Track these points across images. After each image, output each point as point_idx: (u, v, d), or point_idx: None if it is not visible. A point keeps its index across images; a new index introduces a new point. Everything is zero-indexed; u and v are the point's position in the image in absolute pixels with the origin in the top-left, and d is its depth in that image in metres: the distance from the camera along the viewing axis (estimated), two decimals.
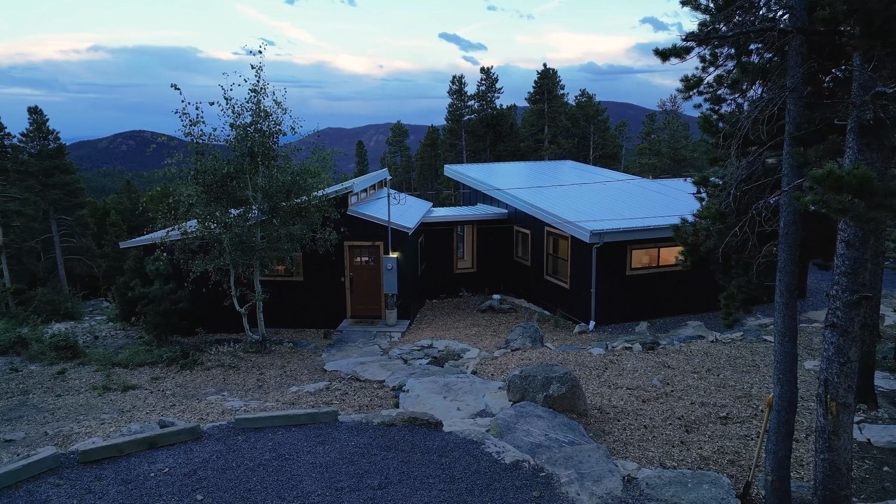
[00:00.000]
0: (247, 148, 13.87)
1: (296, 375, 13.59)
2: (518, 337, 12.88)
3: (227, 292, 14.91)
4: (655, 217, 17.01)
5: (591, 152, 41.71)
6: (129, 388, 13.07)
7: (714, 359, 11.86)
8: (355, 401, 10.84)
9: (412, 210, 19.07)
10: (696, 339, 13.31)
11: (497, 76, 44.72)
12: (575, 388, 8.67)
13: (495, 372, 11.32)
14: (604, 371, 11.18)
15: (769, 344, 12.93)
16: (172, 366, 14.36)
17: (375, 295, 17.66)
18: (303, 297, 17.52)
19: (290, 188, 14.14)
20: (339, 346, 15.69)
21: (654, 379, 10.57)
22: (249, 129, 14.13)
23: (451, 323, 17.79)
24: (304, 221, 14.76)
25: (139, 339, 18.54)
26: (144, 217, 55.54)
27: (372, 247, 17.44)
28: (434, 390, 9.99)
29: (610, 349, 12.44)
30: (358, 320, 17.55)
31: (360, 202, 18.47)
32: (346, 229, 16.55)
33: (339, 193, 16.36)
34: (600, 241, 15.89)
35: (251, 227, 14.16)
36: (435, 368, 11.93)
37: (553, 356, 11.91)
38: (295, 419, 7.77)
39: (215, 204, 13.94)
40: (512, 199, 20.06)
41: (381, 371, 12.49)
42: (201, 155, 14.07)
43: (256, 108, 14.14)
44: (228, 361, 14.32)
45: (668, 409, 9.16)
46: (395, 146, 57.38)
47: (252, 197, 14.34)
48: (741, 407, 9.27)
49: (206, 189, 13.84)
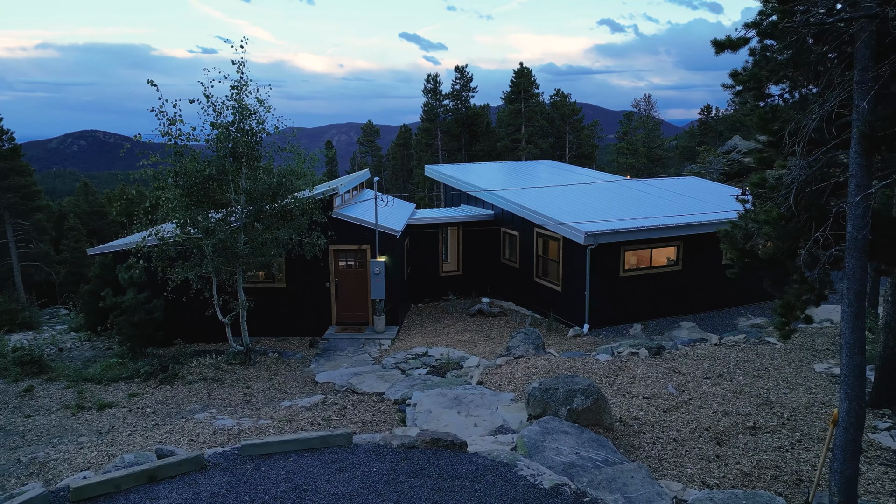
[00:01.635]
0: (229, 148, 13.08)
1: (285, 388, 12.87)
2: (520, 344, 12.41)
3: (208, 301, 14.07)
4: (649, 218, 16.76)
5: (567, 152, 41.62)
6: (104, 406, 12.17)
7: (723, 363, 11.58)
8: (357, 416, 10.20)
9: (397, 212, 18.45)
10: (699, 343, 13.04)
11: (472, 75, 44.32)
12: (600, 400, 8.22)
13: (502, 382, 10.81)
14: (615, 379, 10.78)
15: (773, 346, 12.74)
16: (150, 380, 13.47)
17: (362, 301, 16.99)
18: (285, 304, 16.74)
19: (276, 190, 13.39)
20: (327, 355, 14.99)
21: (669, 386, 10.21)
22: (231, 128, 13.34)
23: (441, 328, 17.23)
24: (289, 225, 14.03)
25: (108, 351, 17.49)
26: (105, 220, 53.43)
27: (358, 250, 16.76)
28: (444, 404, 9.43)
29: (616, 355, 12.06)
30: (344, 327, 16.85)
31: (345, 204, 17.78)
32: (331, 233, 15.85)
33: (326, 195, 15.65)
34: (594, 243, 15.54)
35: (234, 232, 13.37)
36: (437, 379, 11.37)
37: (559, 364, 11.47)
38: (306, 443, 7.13)
39: (196, 208, 13.11)
40: (499, 200, 19.61)
41: (378, 382, 11.86)
42: (180, 156, 13.23)
43: (239, 106, 13.36)
44: (211, 374, 13.50)
45: (693, 420, 8.78)
46: (367, 146, 56.46)
47: (235, 200, 13.55)
48: (766, 415, 8.95)
49: (185, 192, 13.00)
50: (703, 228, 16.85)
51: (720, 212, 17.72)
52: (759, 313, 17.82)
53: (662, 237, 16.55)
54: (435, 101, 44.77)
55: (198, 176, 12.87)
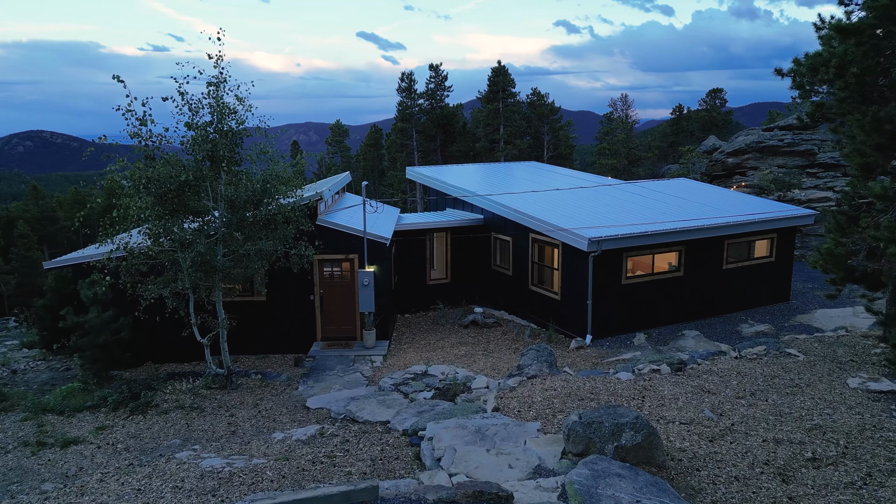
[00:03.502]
0: (207, 151, 11.80)
1: (274, 416, 11.67)
2: (533, 362, 11.46)
3: (183, 320, 12.75)
4: (652, 223, 16.02)
5: (546, 152, 40.94)
6: (69, 442, 10.80)
7: (751, 380, 10.84)
8: (363, 451, 9.10)
9: (384, 218, 17.35)
10: (718, 357, 12.31)
11: (446, 73, 43.28)
12: (652, 435, 7.31)
13: (522, 408, 9.84)
14: (642, 401, 9.92)
15: (795, 359, 12.09)
16: (120, 410, 12.10)
17: (349, 314, 15.83)
18: (266, 319, 15.48)
19: (260, 197, 12.16)
20: (315, 375, 13.80)
21: (705, 409, 9.40)
22: (209, 128, 12.07)
23: (435, 342, 16.19)
24: (273, 235, 12.80)
25: (67, 372, 15.97)
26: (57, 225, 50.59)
27: (345, 260, 15.60)
28: (466, 439, 8.40)
29: (638, 373, 11.22)
30: (330, 343, 15.66)
31: (329, 210, 16.59)
32: (318, 242, 14.66)
33: (312, 201, 14.46)
34: (598, 250, 14.72)
35: (212, 244, 12.09)
36: (447, 405, 10.34)
37: (579, 385, 10.56)
38: (326, 501, 6.02)
39: (171, 217, 11.80)
40: (490, 204, 18.66)
41: (380, 409, 10.77)
42: (151, 160, 11.90)
43: (217, 105, 12.09)
44: (189, 402, 12.20)
45: (745, 451, 7.95)
46: (335, 146, 54.86)
47: (213, 207, 12.27)
48: (820, 443, 8.19)
49: (158, 199, 11.67)
50: (708, 233, 16.22)
51: (724, 216, 17.14)
52: (761, 319, 17.29)
53: (665, 242, 15.84)
54: (409, 100, 43.47)
55: (172, 182, 11.56)
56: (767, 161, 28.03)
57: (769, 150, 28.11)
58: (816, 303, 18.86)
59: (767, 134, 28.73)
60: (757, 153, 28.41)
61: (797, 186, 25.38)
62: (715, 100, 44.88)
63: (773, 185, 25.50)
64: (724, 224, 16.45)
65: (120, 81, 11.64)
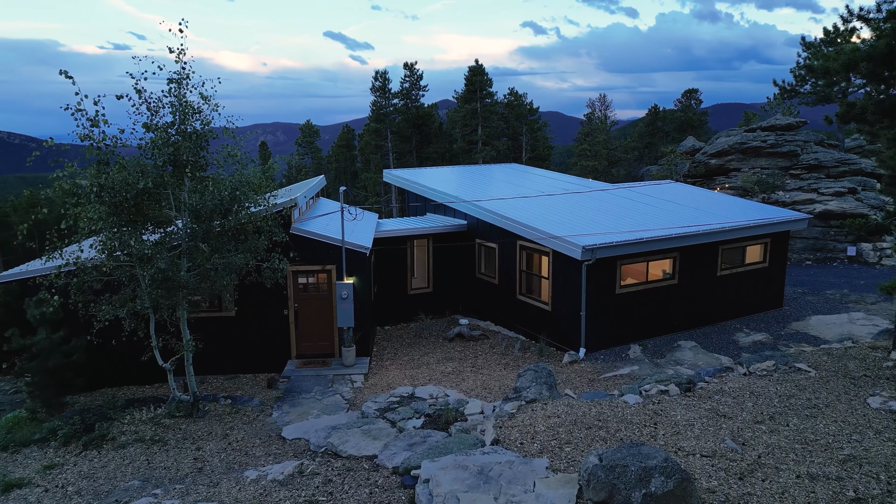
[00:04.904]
0: (168, 155, 10.61)
1: (246, 449, 10.53)
2: (531, 384, 10.52)
3: (144, 342, 11.52)
4: (647, 230, 15.24)
5: (524, 154, 40.10)
6: (12, 485, 9.54)
7: (766, 400, 10.07)
8: (350, 495, 8.06)
9: (363, 225, 16.26)
10: (726, 374, 11.54)
11: (422, 72, 42.07)
12: (685, 481, 6.41)
13: (524, 440, 8.90)
14: (655, 428, 9.05)
15: (807, 374, 11.38)
16: (72, 444, 10.84)
17: (327, 329, 14.73)
18: (236, 336, 14.29)
19: (228, 205, 11.00)
20: (291, 398, 12.68)
21: (726, 439, 8.56)
22: (171, 130, 10.88)
23: (419, 357, 15.17)
24: (244, 246, 11.66)
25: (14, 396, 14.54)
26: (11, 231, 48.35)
27: (322, 271, 14.49)
28: (468, 482, 7.41)
29: (645, 395, 10.36)
30: (307, 361, 14.54)
31: (303, 217, 15.44)
32: (293, 253, 13.53)
33: (285, 208, 13.33)
34: (592, 258, 13.88)
35: (175, 258, 10.90)
36: (440, 437, 9.35)
37: (584, 411, 9.66)
38: None
39: (128, 229, 10.59)
40: (474, 210, 17.70)
41: (365, 441, 9.73)
42: (105, 165, 10.66)
43: (179, 104, 10.90)
44: (150, 433, 10.99)
45: (782, 491, 7.12)
46: (306, 147, 53.30)
47: (176, 217, 11.09)
48: (859, 478, 7.41)
49: (113, 209, 10.44)
50: (703, 238, 15.52)
51: (719, 221, 16.47)
52: (756, 327, 16.66)
53: (660, 249, 15.08)
54: (383, 99, 42.15)
55: (129, 189, 10.34)
56: (750, 162, 27.63)
57: (752, 151, 27.70)
58: (809, 308, 18.34)
59: (750, 135, 28.34)
60: (740, 154, 28.00)
61: (781, 188, 24.98)
62: (690, 100, 44.70)
63: (757, 187, 25.06)
64: (721, 229, 15.78)
65: (68, 78, 10.39)
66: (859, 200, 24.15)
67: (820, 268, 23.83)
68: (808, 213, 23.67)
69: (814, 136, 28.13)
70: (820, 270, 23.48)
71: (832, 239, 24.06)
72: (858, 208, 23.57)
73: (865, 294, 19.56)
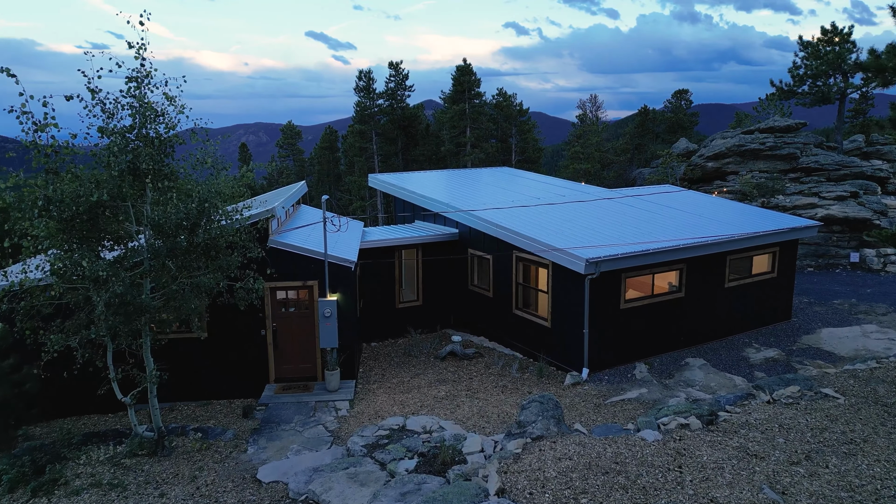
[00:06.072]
0: (127, 163, 9.38)
1: (217, 496, 9.33)
2: (536, 418, 9.43)
3: (102, 372, 10.27)
4: (653, 241, 14.23)
5: (514, 156, 38.99)
6: None
7: (798, 435, 9.05)
8: None
9: (347, 236, 15.08)
10: (748, 401, 10.54)
11: (407, 72, 40.76)
12: None
13: (534, 488, 7.80)
14: (680, 472, 8.00)
15: (835, 401, 10.40)
16: (18, 490, 9.56)
17: (308, 350, 13.55)
18: (209, 359, 13.07)
19: (197, 220, 9.79)
20: (269, 430, 11.49)
21: (764, 487, 7.53)
22: (130, 134, 9.65)
23: (409, 380, 14.03)
24: (214, 265, 10.45)
25: None
26: None
27: (303, 288, 13.31)
28: None
29: (664, 430, 9.31)
30: (286, 386, 13.35)
31: (282, 228, 14.24)
32: (270, 270, 12.34)
33: (262, 220, 12.14)
34: (596, 272, 12.84)
35: (136, 278, 9.67)
36: (436, 484, 8.24)
37: (599, 451, 8.58)
38: None
39: (80, 246, 9.35)
40: (468, 218, 16.59)
41: (352, 488, 8.58)
42: (54, 174, 9.42)
43: (139, 105, 9.68)
44: (109, 476, 9.75)
45: None
46: (287, 149, 51.78)
47: (137, 233, 9.86)
48: None
49: (63, 225, 9.20)
50: (711, 248, 14.56)
51: (727, 229, 15.50)
52: (766, 342, 15.73)
53: (667, 261, 14.08)
54: (368, 100, 40.74)
55: (82, 203, 9.11)
56: (748, 165, 26.79)
57: (750, 153, 26.85)
58: (819, 320, 17.46)
59: (748, 137, 27.49)
60: (738, 157, 27.14)
61: (781, 192, 24.16)
62: (680, 101, 43.91)
63: (756, 191, 24.21)
64: (730, 238, 14.81)
65: (11, 76, 9.15)
66: (862, 205, 23.38)
67: (823, 275, 23.02)
68: (809, 217, 22.85)
69: (813, 137, 27.38)
70: (823, 278, 22.66)
71: (834, 245, 23.26)
72: (861, 213, 22.79)
73: (874, 304, 18.74)
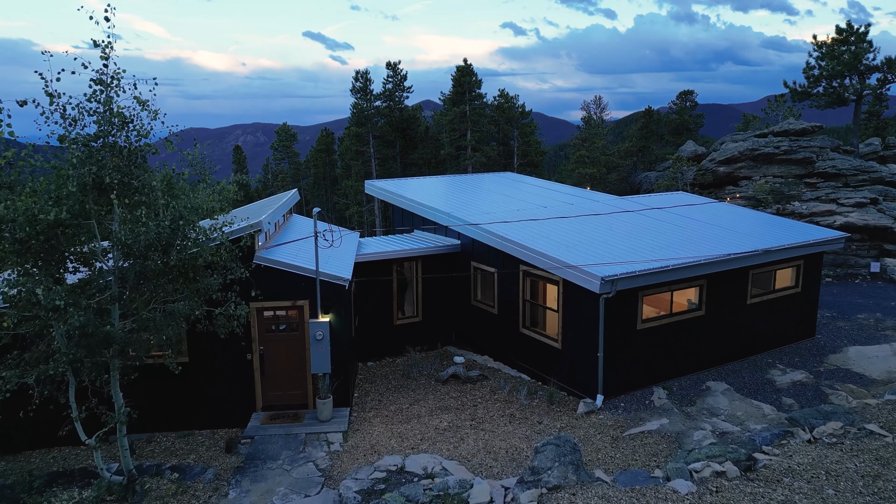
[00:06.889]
0: (91, 176, 8.31)
1: None
2: (552, 464, 8.37)
3: (63, 411, 9.18)
4: (673, 259, 13.15)
5: (515, 160, 37.86)
6: None
7: (848, 484, 8.00)
8: None
9: (342, 251, 14.00)
10: (786, 440, 9.49)
11: (406, 73, 39.58)
12: None
13: None
14: None
15: (883, 440, 9.34)
16: None
17: (298, 376, 12.48)
18: (189, 386, 11.98)
19: (171, 239, 8.71)
20: (253, 469, 10.41)
21: None
22: (95, 143, 8.58)
23: (408, 406, 12.96)
24: (192, 288, 9.38)
25: None
26: None
27: (293, 308, 12.24)
28: None
29: (698, 480, 8.24)
30: (274, 415, 12.27)
31: (270, 242, 13.17)
32: (255, 291, 11.26)
33: (247, 235, 11.07)
34: (612, 291, 11.78)
35: (103, 304, 8.60)
36: None
37: None
38: None
39: (37, 270, 8.28)
40: (470, 230, 15.51)
41: None
42: (10, 189, 8.35)
43: (106, 111, 8.60)
44: None
45: None
46: (282, 151, 50.62)
47: (103, 254, 8.78)
48: None
49: (18, 247, 8.12)
50: (734, 263, 13.52)
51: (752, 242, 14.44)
52: (791, 363, 14.67)
53: (686, 277, 13.04)
54: (365, 101, 39.51)
55: (39, 222, 8.03)
56: (762, 170, 25.74)
57: (764, 157, 25.79)
58: (844, 337, 16.41)
59: (762, 140, 26.40)
60: (751, 161, 26.08)
61: (797, 198, 23.10)
62: (685, 102, 42.79)
63: (771, 197, 23.15)
64: (754, 252, 13.76)
65: None
66: (882, 212, 22.34)
67: (842, 286, 21.96)
68: (827, 225, 21.83)
69: (830, 141, 26.30)
70: (843, 289, 21.61)
71: (853, 254, 22.22)
72: (882, 220, 21.75)
73: None
